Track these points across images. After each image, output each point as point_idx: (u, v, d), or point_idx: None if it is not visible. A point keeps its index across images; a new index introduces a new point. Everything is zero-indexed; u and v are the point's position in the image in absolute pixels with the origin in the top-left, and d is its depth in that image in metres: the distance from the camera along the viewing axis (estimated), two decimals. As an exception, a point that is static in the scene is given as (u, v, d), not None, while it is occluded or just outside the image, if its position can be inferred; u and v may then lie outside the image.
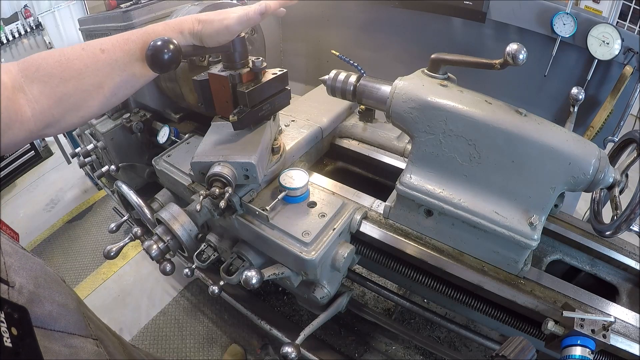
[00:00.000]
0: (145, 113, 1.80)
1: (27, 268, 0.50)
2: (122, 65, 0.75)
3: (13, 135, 0.65)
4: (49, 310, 0.50)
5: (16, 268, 0.48)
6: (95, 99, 0.75)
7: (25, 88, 0.67)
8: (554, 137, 0.91)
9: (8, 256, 0.48)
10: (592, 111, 1.89)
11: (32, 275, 0.50)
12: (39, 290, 0.49)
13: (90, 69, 0.72)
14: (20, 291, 0.46)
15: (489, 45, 2.05)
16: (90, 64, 0.72)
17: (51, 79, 0.69)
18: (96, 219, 3.09)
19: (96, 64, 0.73)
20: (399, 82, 1.03)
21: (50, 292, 0.52)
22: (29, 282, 0.48)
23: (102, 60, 0.73)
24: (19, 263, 0.49)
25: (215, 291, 1.32)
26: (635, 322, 1.02)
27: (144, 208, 1.36)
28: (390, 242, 1.17)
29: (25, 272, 0.49)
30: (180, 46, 0.77)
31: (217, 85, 1.02)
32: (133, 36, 0.77)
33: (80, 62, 0.72)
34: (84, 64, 0.72)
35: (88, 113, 0.76)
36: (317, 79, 1.25)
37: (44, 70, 0.69)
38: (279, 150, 1.23)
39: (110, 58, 0.74)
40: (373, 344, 2.07)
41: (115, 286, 2.53)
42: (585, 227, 1.27)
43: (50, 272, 0.55)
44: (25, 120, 0.67)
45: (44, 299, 0.50)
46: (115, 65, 0.75)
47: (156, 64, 0.74)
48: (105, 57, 0.74)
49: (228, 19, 0.86)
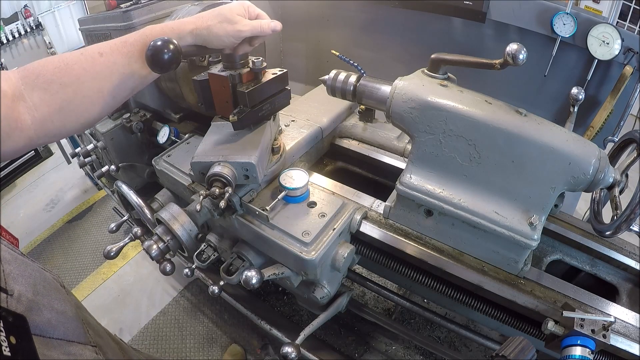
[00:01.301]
0: (145, 113, 1.80)
1: (26, 275, 0.50)
2: (121, 68, 0.75)
3: (13, 143, 0.65)
4: (48, 318, 0.49)
5: (15, 276, 0.48)
6: (96, 104, 0.75)
7: (25, 96, 0.67)
8: (554, 137, 0.91)
9: (7, 264, 0.48)
10: (592, 111, 1.89)
11: (31, 283, 0.50)
12: (38, 298, 0.49)
13: (89, 73, 0.72)
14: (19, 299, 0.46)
15: (489, 45, 2.06)
16: (89, 68, 0.72)
17: (51, 85, 0.69)
18: (96, 219, 3.09)
19: (95, 68, 0.73)
20: (399, 82, 1.03)
21: (49, 300, 0.51)
22: (27, 290, 0.48)
23: (100, 64, 0.73)
24: (18, 270, 0.49)
25: (215, 291, 1.32)
26: (635, 322, 1.02)
27: (144, 208, 1.36)
28: (390, 242, 1.17)
29: (24, 280, 0.49)
30: (180, 46, 0.77)
31: (217, 85, 1.02)
32: (131, 38, 0.77)
33: (79, 66, 0.72)
34: (83, 69, 0.72)
35: (89, 119, 0.76)
36: (317, 79, 1.25)
37: (44, 77, 0.69)
38: (279, 150, 1.23)
39: (109, 61, 0.74)
40: (373, 344, 2.07)
41: (115, 286, 2.53)
42: (585, 227, 1.27)
43: (49, 279, 0.55)
44: (25, 128, 0.67)
45: (43, 307, 0.50)
46: (114, 68, 0.75)
47: (156, 64, 0.74)
48: (104, 61, 0.74)
49: (242, 24, 0.87)
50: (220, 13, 0.86)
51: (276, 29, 0.94)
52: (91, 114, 0.76)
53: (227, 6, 0.88)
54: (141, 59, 0.76)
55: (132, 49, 0.76)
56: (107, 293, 2.48)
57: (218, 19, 0.85)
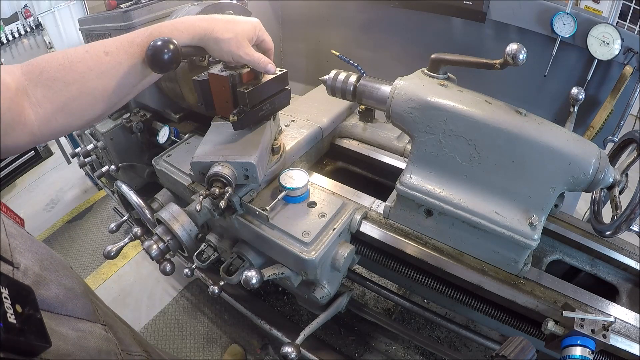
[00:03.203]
0: (145, 113, 1.80)
1: (32, 250, 0.50)
2: (126, 68, 0.74)
3: (16, 138, 0.64)
4: (56, 293, 0.49)
5: (21, 250, 0.48)
6: (100, 102, 0.74)
7: (29, 91, 0.66)
8: (554, 137, 0.91)
9: (13, 238, 0.48)
10: (592, 111, 1.89)
11: (38, 258, 0.50)
12: (45, 273, 0.49)
13: (94, 72, 0.71)
14: (25, 272, 0.46)
15: (489, 45, 2.06)
16: (94, 66, 0.71)
17: (55, 82, 0.68)
18: (96, 219, 3.09)
19: (100, 67, 0.72)
20: (399, 82, 1.03)
21: (57, 276, 0.51)
22: (34, 264, 0.48)
23: (105, 63, 0.72)
24: (24, 245, 0.49)
25: (215, 291, 1.32)
26: (635, 322, 1.02)
27: (144, 208, 1.36)
28: (390, 242, 1.17)
29: (30, 255, 0.49)
30: (180, 46, 0.77)
31: (217, 85, 1.02)
32: (138, 39, 0.76)
33: (84, 65, 0.71)
34: (88, 67, 0.71)
35: (92, 117, 0.75)
36: (317, 79, 1.25)
37: (48, 73, 0.68)
38: (279, 150, 1.23)
39: (114, 61, 0.73)
40: (373, 344, 2.07)
41: (115, 286, 2.53)
42: (585, 227, 1.27)
43: (57, 256, 0.55)
44: (29, 123, 0.66)
45: (50, 282, 0.49)
46: (119, 68, 0.74)
47: (156, 64, 0.74)
48: (109, 60, 0.73)
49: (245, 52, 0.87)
50: (234, 30, 0.85)
51: (269, 72, 0.98)
52: (95, 112, 0.75)
53: (241, 26, 0.87)
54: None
55: (138, 49, 0.75)
56: (107, 293, 2.48)
57: (228, 35, 0.85)
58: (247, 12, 1.54)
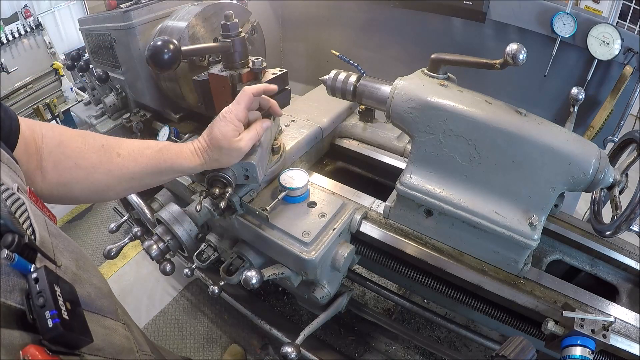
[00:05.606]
0: (145, 113, 1.80)
1: (69, 250, 0.52)
2: (131, 174, 0.79)
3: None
4: (88, 292, 0.52)
5: (61, 249, 0.51)
6: (100, 195, 0.80)
7: (43, 155, 0.70)
8: (554, 137, 0.91)
9: (54, 237, 0.50)
10: (592, 111, 1.89)
11: (74, 257, 0.53)
12: (80, 272, 0.52)
13: (103, 167, 0.76)
14: (65, 272, 0.49)
15: (489, 45, 2.06)
16: (105, 162, 0.76)
17: (67, 160, 0.72)
18: (96, 219, 3.09)
19: (109, 166, 0.76)
20: (399, 82, 1.03)
21: (89, 275, 0.54)
22: (71, 264, 0.51)
23: (115, 164, 0.77)
24: (63, 245, 0.52)
25: (215, 291, 1.32)
26: (635, 322, 1.02)
27: (144, 208, 1.36)
28: (390, 242, 1.17)
29: (68, 254, 0.52)
30: (180, 46, 0.77)
31: (217, 85, 1.02)
32: (148, 150, 0.81)
33: (97, 158, 0.75)
34: (99, 161, 0.75)
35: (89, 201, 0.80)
36: (317, 79, 1.25)
37: (63, 148, 0.72)
38: (279, 150, 1.23)
39: (123, 165, 0.78)
40: (373, 344, 2.07)
41: (115, 286, 2.53)
42: (585, 227, 1.27)
43: (88, 257, 0.58)
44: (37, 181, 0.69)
45: (84, 281, 0.52)
46: (125, 171, 0.78)
47: (156, 63, 0.74)
48: (119, 162, 0.77)
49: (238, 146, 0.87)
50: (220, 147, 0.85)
51: (267, 127, 0.96)
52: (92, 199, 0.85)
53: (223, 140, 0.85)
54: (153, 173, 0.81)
55: (147, 162, 0.80)
56: (107, 293, 2.48)
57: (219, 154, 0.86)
58: (247, 12, 1.54)
